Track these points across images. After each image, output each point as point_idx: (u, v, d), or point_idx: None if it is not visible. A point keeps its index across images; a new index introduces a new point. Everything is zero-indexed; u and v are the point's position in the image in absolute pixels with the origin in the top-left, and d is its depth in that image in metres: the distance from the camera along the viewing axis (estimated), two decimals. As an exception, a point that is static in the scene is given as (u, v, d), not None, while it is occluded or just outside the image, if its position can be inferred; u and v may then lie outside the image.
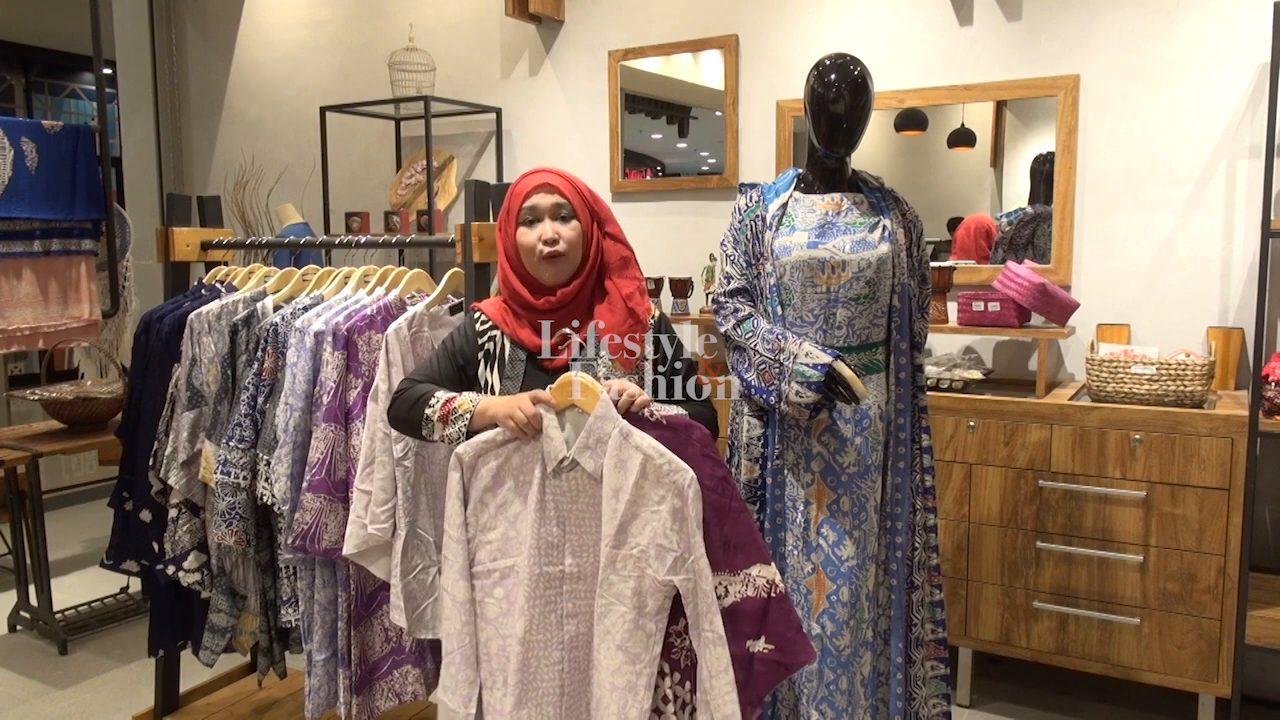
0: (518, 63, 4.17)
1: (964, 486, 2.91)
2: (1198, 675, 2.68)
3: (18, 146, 3.37)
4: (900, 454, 2.23)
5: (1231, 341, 2.95)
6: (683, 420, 1.62)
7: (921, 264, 2.30)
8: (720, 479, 1.60)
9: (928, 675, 2.32)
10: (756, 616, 1.57)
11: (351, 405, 2.12)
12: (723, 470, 1.61)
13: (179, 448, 2.38)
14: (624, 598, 1.61)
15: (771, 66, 3.62)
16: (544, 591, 1.66)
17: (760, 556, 1.59)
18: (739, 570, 1.58)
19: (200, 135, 5.21)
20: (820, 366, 2.08)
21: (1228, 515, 2.60)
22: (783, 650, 1.57)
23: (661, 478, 1.57)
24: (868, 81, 2.20)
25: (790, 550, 2.24)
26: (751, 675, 1.57)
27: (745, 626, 1.57)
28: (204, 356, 2.37)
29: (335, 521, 2.11)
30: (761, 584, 1.58)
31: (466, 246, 2.18)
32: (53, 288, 3.56)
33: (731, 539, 1.59)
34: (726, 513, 1.59)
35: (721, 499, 1.59)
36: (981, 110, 3.29)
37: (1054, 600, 2.82)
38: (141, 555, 2.58)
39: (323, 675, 2.19)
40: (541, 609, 1.66)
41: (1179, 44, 2.98)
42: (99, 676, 3.25)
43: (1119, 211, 3.10)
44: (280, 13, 4.84)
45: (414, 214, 4.13)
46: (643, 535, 1.59)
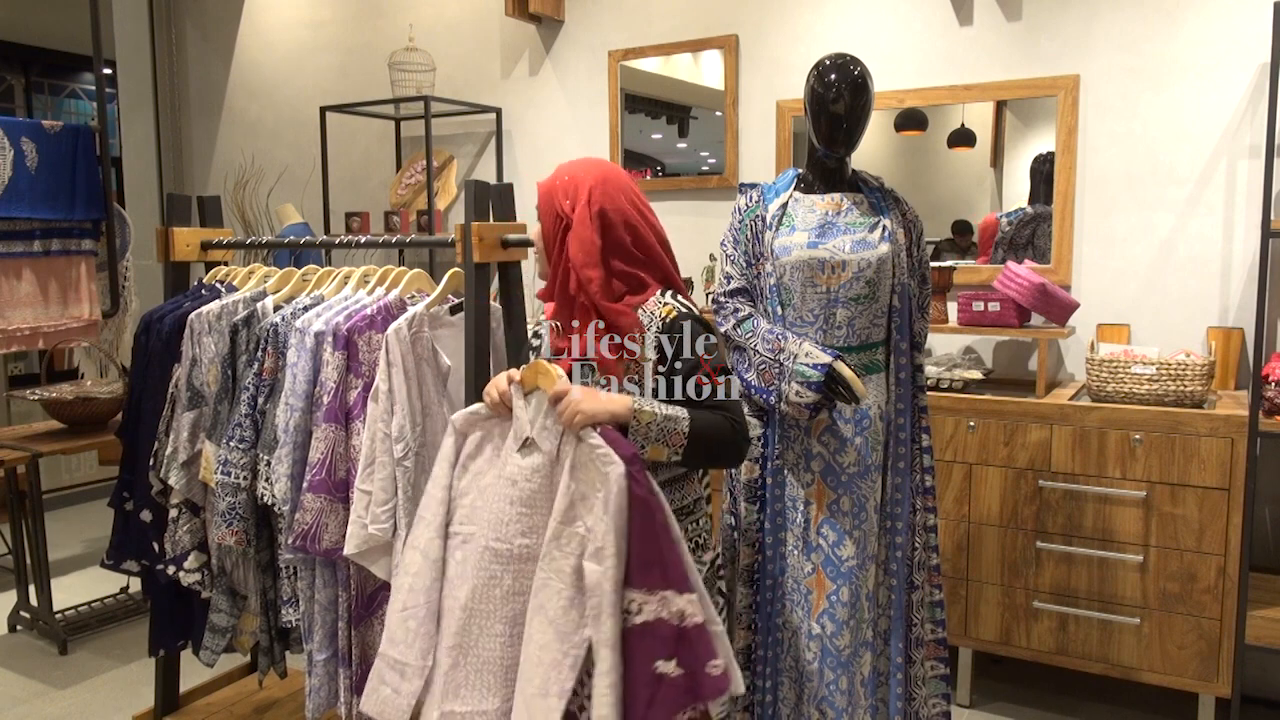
0: (518, 63, 4.17)
1: (964, 486, 2.91)
2: (1198, 675, 2.68)
3: (18, 146, 3.37)
4: (900, 454, 2.23)
5: (1231, 341, 2.95)
6: (615, 437, 1.60)
7: (921, 264, 2.30)
8: (644, 499, 1.56)
9: (928, 675, 2.32)
10: (670, 640, 1.54)
11: (352, 405, 2.12)
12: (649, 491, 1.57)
13: (179, 448, 2.38)
14: (563, 574, 1.60)
15: (771, 66, 3.62)
16: (490, 565, 1.67)
17: (679, 584, 1.55)
18: (655, 591, 1.55)
19: (200, 135, 5.21)
20: (820, 366, 2.08)
21: (1228, 515, 2.60)
22: (692, 679, 1.53)
23: (599, 466, 1.58)
24: (868, 81, 2.20)
25: (790, 550, 2.24)
26: (658, 697, 1.53)
27: (656, 647, 1.54)
28: (204, 356, 2.37)
29: (336, 522, 2.11)
30: (675, 610, 1.55)
31: (466, 246, 2.18)
32: (53, 288, 3.56)
33: (652, 558, 1.55)
34: (651, 532, 1.56)
35: (646, 518, 1.56)
36: (981, 110, 3.29)
37: (1054, 600, 2.82)
38: (142, 555, 2.57)
39: (323, 675, 2.19)
40: (485, 581, 1.67)
41: (1179, 44, 2.98)
42: (99, 676, 3.25)
43: (1119, 211, 3.11)
44: (280, 13, 4.84)
45: (414, 214, 4.13)
46: (589, 517, 1.60)
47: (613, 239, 1.75)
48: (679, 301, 1.77)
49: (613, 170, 1.80)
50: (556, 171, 1.81)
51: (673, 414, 1.65)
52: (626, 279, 1.76)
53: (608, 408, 1.61)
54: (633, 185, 1.81)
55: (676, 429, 1.64)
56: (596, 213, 1.73)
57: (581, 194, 1.75)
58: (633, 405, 1.63)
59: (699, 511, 1.82)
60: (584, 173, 1.78)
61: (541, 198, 1.80)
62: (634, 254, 1.76)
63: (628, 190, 1.78)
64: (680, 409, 1.66)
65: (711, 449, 1.68)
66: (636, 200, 1.79)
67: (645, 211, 1.80)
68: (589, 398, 1.63)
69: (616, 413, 1.62)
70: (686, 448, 1.65)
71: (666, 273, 1.81)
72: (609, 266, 1.74)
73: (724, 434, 1.69)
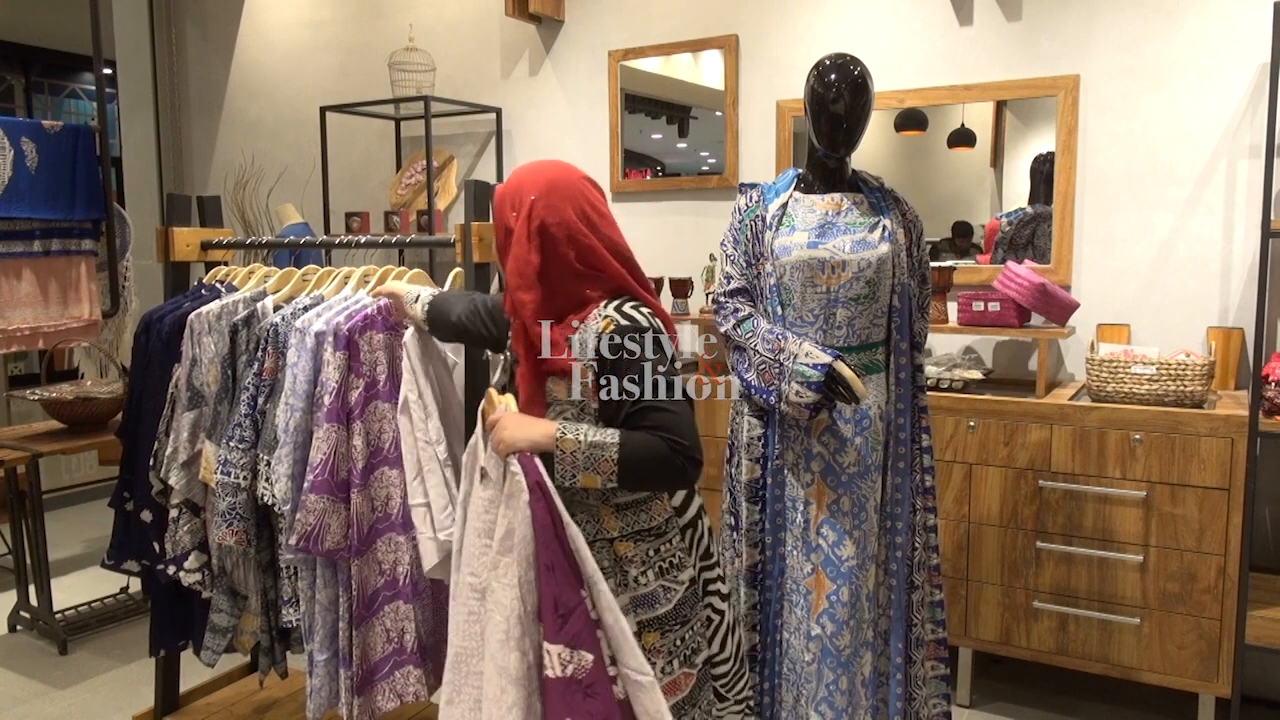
0: (518, 63, 4.17)
1: (964, 486, 2.91)
2: (1198, 675, 2.68)
3: (18, 146, 3.37)
4: (900, 454, 2.23)
5: (1231, 341, 2.95)
6: (528, 463, 1.56)
7: (921, 264, 2.30)
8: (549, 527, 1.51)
9: (928, 675, 2.32)
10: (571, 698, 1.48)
11: (353, 405, 2.13)
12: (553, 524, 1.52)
13: (179, 448, 2.38)
14: (501, 606, 1.55)
15: (771, 66, 3.62)
16: (467, 600, 1.63)
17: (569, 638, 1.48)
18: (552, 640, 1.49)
19: (200, 135, 5.21)
20: (820, 366, 2.08)
21: (1228, 515, 2.60)
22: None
23: (516, 492, 1.55)
24: (868, 81, 2.20)
25: (790, 550, 2.24)
26: None
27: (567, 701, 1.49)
28: (204, 356, 2.37)
29: (338, 522, 2.12)
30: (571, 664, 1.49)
31: (466, 246, 2.18)
32: (53, 288, 3.55)
33: (542, 598, 1.50)
34: (543, 568, 1.51)
35: (551, 553, 1.51)
36: (981, 110, 3.29)
37: (1054, 600, 2.82)
38: (142, 555, 2.58)
39: (324, 675, 2.19)
40: (465, 618, 1.63)
41: (1179, 44, 2.98)
42: (99, 676, 3.25)
43: (1119, 211, 3.11)
44: (280, 13, 4.84)
45: (414, 214, 4.13)
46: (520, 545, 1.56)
47: (554, 256, 1.63)
48: (621, 313, 1.61)
49: (564, 176, 1.68)
50: (510, 175, 1.72)
51: (600, 440, 1.55)
52: (569, 296, 1.64)
53: (530, 434, 1.57)
54: (585, 191, 1.68)
55: (605, 455, 1.54)
56: (536, 229, 1.62)
57: (524, 206, 1.64)
58: (555, 433, 1.56)
59: (670, 531, 1.71)
60: (532, 180, 1.66)
61: (494, 204, 1.73)
62: (577, 269, 1.63)
63: (577, 198, 1.65)
64: (611, 433, 1.56)
65: (647, 474, 1.56)
66: (587, 208, 1.66)
67: (597, 220, 1.66)
68: (514, 425, 1.59)
69: (538, 440, 1.56)
70: (619, 474, 1.55)
71: (618, 282, 1.66)
72: (547, 287, 1.63)
73: (659, 457, 1.55)
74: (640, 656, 1.54)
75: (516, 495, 1.54)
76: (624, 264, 1.68)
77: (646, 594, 1.66)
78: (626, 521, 1.66)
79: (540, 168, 1.69)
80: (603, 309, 1.63)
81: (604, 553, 1.65)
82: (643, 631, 1.66)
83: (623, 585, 1.65)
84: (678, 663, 1.69)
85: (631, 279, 1.68)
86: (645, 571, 1.67)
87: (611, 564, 1.65)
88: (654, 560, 1.68)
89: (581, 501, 1.65)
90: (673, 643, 1.69)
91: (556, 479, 1.57)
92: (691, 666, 1.72)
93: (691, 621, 1.73)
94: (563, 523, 1.53)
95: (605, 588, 1.54)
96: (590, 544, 1.61)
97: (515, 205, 1.66)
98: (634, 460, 1.55)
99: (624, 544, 1.66)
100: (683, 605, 1.71)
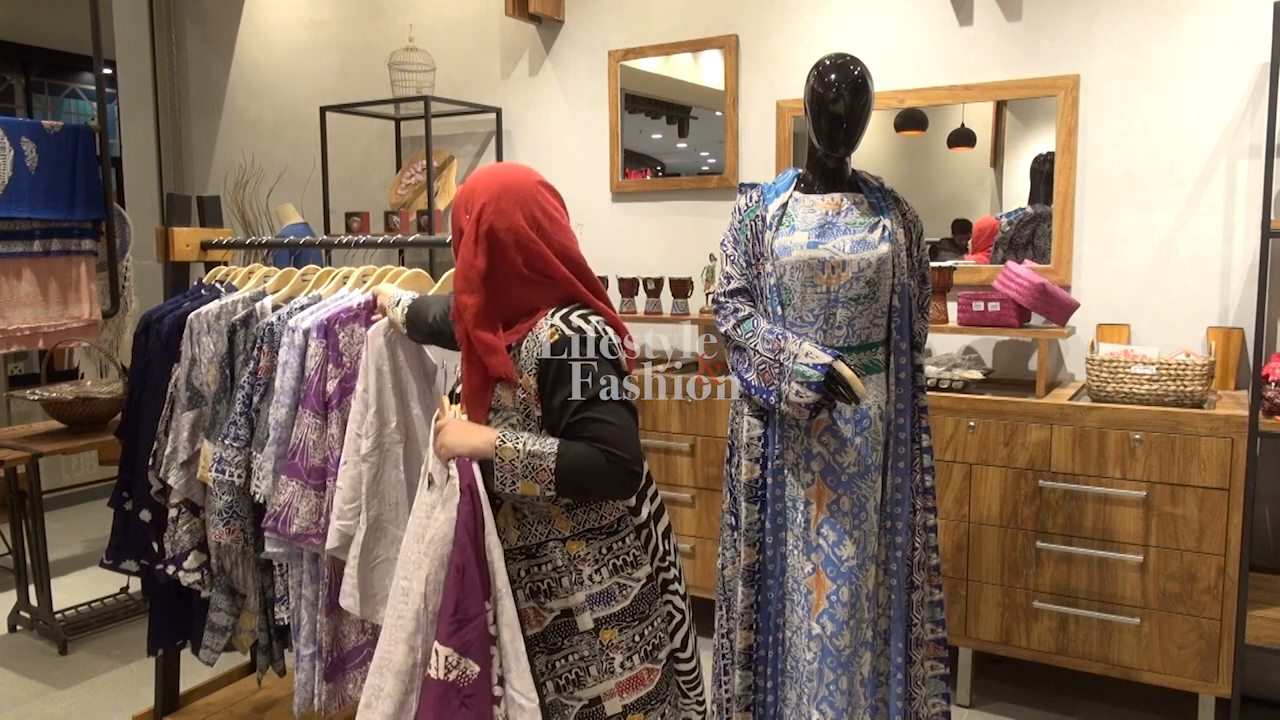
0: (518, 63, 4.17)
1: (964, 486, 2.91)
2: (1198, 675, 2.68)
3: (18, 146, 3.37)
4: (900, 454, 2.23)
5: (1231, 341, 2.94)
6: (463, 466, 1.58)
7: (921, 264, 2.30)
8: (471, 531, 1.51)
9: (927, 675, 2.32)
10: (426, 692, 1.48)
11: (331, 395, 2.14)
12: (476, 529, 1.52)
13: (178, 447, 2.38)
14: (412, 601, 1.59)
15: (771, 66, 3.62)
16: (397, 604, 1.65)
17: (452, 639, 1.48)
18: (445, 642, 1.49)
19: (200, 135, 5.21)
20: (820, 366, 2.08)
21: (1228, 515, 2.60)
22: None
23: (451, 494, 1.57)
24: (868, 81, 2.20)
25: (790, 550, 2.24)
26: None
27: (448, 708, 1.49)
28: (203, 356, 2.37)
29: (306, 508, 2.13)
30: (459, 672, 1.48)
31: (466, 246, 2.18)
32: (53, 288, 3.55)
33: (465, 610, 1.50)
34: (452, 568, 1.51)
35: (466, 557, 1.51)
36: (981, 110, 3.29)
37: (1054, 600, 2.82)
38: (141, 555, 2.58)
39: (308, 670, 2.21)
40: (394, 621, 1.65)
41: (1179, 44, 2.98)
42: (99, 676, 3.25)
43: (1119, 211, 3.10)
44: (280, 13, 4.84)
45: (414, 214, 4.13)
46: None
47: (501, 261, 1.62)
48: (567, 322, 1.61)
49: (517, 180, 1.66)
50: (467, 178, 1.71)
51: (538, 449, 1.56)
52: (515, 303, 1.64)
53: (470, 441, 1.59)
54: (537, 196, 1.66)
55: (543, 465, 1.55)
56: (484, 233, 1.61)
57: (474, 210, 1.63)
58: (495, 441, 1.57)
59: (624, 530, 1.71)
60: (484, 184, 1.65)
61: (452, 207, 1.73)
62: (525, 275, 1.62)
63: (528, 203, 1.64)
64: (550, 443, 1.57)
65: (585, 484, 1.57)
66: (538, 214, 1.64)
67: (547, 226, 1.64)
68: (456, 431, 1.61)
69: (478, 447, 1.58)
70: (556, 483, 1.55)
71: (567, 289, 1.65)
72: (492, 291, 1.62)
73: (595, 468, 1.56)
74: (529, 681, 1.56)
75: (451, 499, 1.56)
76: (574, 270, 1.67)
77: (601, 591, 1.67)
78: (577, 521, 1.67)
79: (495, 170, 1.69)
80: (550, 318, 1.62)
81: (557, 551, 1.66)
82: (600, 628, 1.67)
83: (577, 583, 1.66)
84: (638, 658, 1.70)
85: (582, 285, 1.67)
86: (599, 569, 1.68)
87: (565, 562, 1.66)
88: (607, 558, 1.69)
89: (532, 502, 1.65)
90: (631, 638, 1.70)
91: (496, 486, 1.59)
92: (655, 662, 1.73)
93: (651, 618, 1.73)
94: (485, 530, 1.54)
95: (510, 604, 1.56)
96: (543, 543, 1.65)
97: (468, 208, 1.66)
98: (571, 471, 1.56)
99: (576, 543, 1.67)
100: (640, 601, 1.71)
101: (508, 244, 1.62)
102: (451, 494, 1.56)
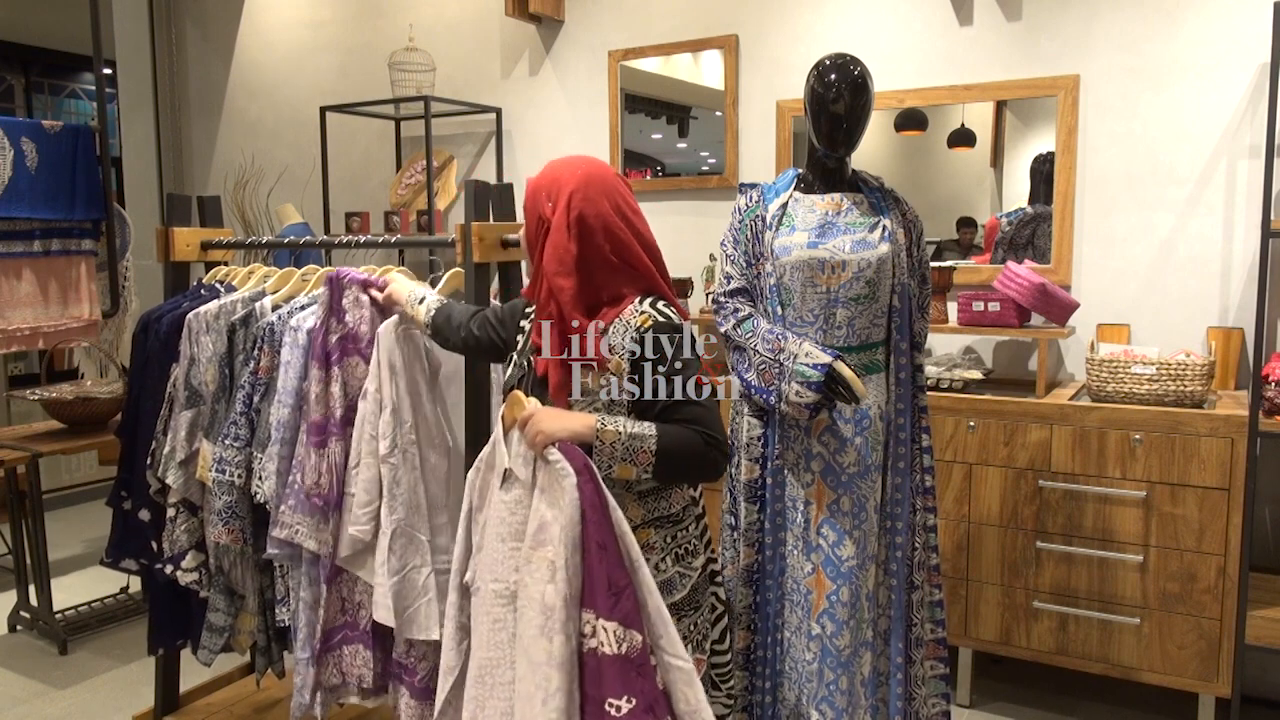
0: (518, 63, 4.17)
1: (964, 486, 2.91)
2: (1198, 675, 2.67)
3: (18, 146, 3.37)
4: (900, 454, 2.23)
5: (1231, 341, 2.94)
6: (570, 449, 1.56)
7: (921, 264, 2.30)
8: (599, 508, 1.51)
9: (927, 675, 2.32)
10: (618, 677, 1.48)
11: (331, 349, 2.13)
12: (598, 504, 1.52)
13: (177, 447, 2.38)
14: (535, 602, 1.54)
15: (771, 66, 3.62)
16: (492, 608, 1.62)
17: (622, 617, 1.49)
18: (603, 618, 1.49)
19: (200, 135, 5.21)
20: (820, 366, 2.08)
21: (1228, 515, 2.60)
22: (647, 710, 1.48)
23: (559, 480, 1.55)
24: (868, 81, 2.20)
25: (790, 550, 2.24)
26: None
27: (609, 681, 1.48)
28: (202, 356, 2.37)
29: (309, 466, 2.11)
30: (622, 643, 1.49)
31: (466, 246, 2.18)
32: (53, 288, 3.55)
33: (593, 577, 1.50)
34: (594, 548, 1.51)
35: (589, 531, 1.51)
36: (981, 110, 3.29)
37: (1054, 600, 2.82)
38: (140, 554, 2.58)
39: (305, 673, 2.19)
40: (490, 627, 1.62)
41: (1179, 44, 2.98)
42: (99, 676, 3.25)
43: (1119, 211, 3.10)
44: (280, 13, 4.84)
45: (414, 214, 4.13)
46: (556, 538, 1.55)
47: (591, 246, 1.65)
48: (658, 310, 1.66)
49: (599, 171, 1.70)
50: (544, 169, 1.73)
51: (639, 431, 1.58)
52: (604, 289, 1.67)
53: (569, 426, 1.58)
54: (620, 187, 1.70)
55: (643, 447, 1.57)
56: (575, 219, 1.64)
57: (562, 197, 1.66)
58: (595, 424, 1.58)
59: (687, 518, 1.74)
60: (569, 173, 1.68)
61: (527, 196, 1.73)
62: (613, 262, 1.66)
63: (613, 193, 1.68)
64: (648, 425, 1.59)
65: (682, 465, 1.61)
66: (622, 204, 1.68)
67: (631, 215, 1.69)
68: (551, 417, 1.59)
69: (578, 431, 1.58)
70: (655, 465, 1.58)
71: (650, 281, 1.70)
72: (585, 275, 1.65)
73: (694, 449, 1.60)
74: (679, 643, 1.56)
75: (557, 483, 1.54)
76: (654, 262, 1.72)
77: (664, 581, 1.68)
78: (648, 508, 1.68)
79: (576, 162, 1.71)
80: (639, 305, 1.66)
81: None
82: None
83: None
84: (691, 647, 1.70)
85: (660, 278, 1.72)
86: (664, 558, 1.69)
87: None
88: (671, 546, 1.70)
89: (624, 486, 1.66)
90: (687, 628, 1.70)
91: None
92: (703, 652, 1.75)
93: (702, 608, 1.75)
94: (610, 505, 1.55)
95: (648, 572, 1.56)
96: None
97: (551, 196, 1.68)
98: (669, 452, 1.59)
99: (646, 531, 1.68)
100: (695, 591, 1.73)
101: (596, 230, 1.65)
102: (558, 477, 1.54)
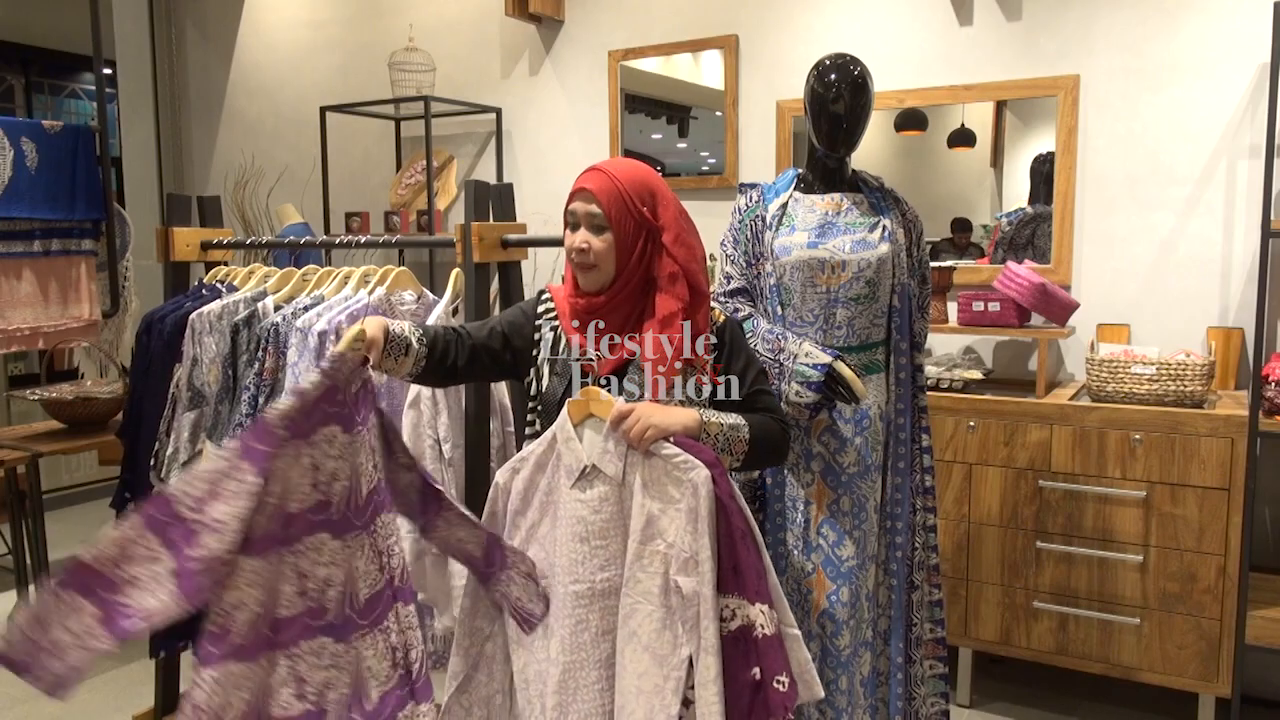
0: (518, 63, 4.17)
1: (964, 486, 2.91)
2: (1198, 675, 2.68)
3: (18, 146, 3.37)
4: (900, 454, 2.23)
5: (1231, 341, 2.95)
6: (691, 444, 1.58)
7: (921, 264, 2.30)
8: (726, 503, 1.54)
9: (927, 675, 2.32)
10: (751, 650, 1.52)
11: None
12: (730, 495, 1.55)
13: (180, 448, 2.38)
14: (651, 596, 1.56)
15: (771, 66, 3.62)
16: (574, 610, 1.61)
17: (753, 594, 1.52)
18: (736, 597, 1.53)
19: (200, 135, 5.21)
20: (820, 366, 2.08)
21: (1228, 515, 2.60)
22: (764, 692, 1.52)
23: (680, 476, 1.55)
24: (868, 81, 2.20)
25: (790, 550, 2.24)
26: (755, 705, 1.51)
27: (745, 656, 1.52)
28: (205, 356, 2.37)
29: None
30: (751, 620, 1.52)
31: (466, 246, 2.18)
32: (53, 288, 3.56)
33: (732, 565, 1.54)
34: (731, 538, 1.54)
35: (727, 523, 1.54)
36: (981, 110, 3.29)
37: (1054, 600, 2.82)
38: (142, 555, 2.57)
39: None
40: (572, 628, 1.60)
41: (1179, 44, 2.98)
42: (99, 676, 3.25)
43: (1119, 211, 3.11)
44: (280, 13, 4.84)
45: (414, 214, 4.13)
46: (669, 531, 1.56)
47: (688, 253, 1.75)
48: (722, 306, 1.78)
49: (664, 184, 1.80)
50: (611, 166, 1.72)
51: (735, 422, 1.67)
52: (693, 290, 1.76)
53: (679, 419, 1.60)
54: None
55: (740, 437, 1.67)
56: (679, 228, 1.73)
57: (664, 204, 1.72)
58: (700, 417, 1.63)
59: None
60: (655, 181, 1.74)
61: (610, 197, 1.68)
62: (694, 267, 1.76)
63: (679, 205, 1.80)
64: (738, 417, 1.69)
65: (767, 452, 1.72)
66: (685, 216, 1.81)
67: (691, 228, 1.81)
68: (660, 412, 1.59)
69: (687, 424, 1.61)
70: (747, 454, 1.68)
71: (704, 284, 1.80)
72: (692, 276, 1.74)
73: (777, 437, 1.73)
74: (790, 612, 1.63)
75: (677, 476, 1.55)
76: None
77: None
78: None
79: (647, 169, 1.77)
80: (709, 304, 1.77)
81: None
82: None
83: None
84: None
85: None
86: None
87: None
88: None
89: None
90: None
91: None
92: None
93: None
94: (738, 492, 1.59)
95: (764, 547, 1.61)
96: None
97: (643, 201, 1.70)
98: (759, 440, 1.69)
99: None
100: None
101: (688, 235, 1.75)
102: (661, 475, 1.56)
